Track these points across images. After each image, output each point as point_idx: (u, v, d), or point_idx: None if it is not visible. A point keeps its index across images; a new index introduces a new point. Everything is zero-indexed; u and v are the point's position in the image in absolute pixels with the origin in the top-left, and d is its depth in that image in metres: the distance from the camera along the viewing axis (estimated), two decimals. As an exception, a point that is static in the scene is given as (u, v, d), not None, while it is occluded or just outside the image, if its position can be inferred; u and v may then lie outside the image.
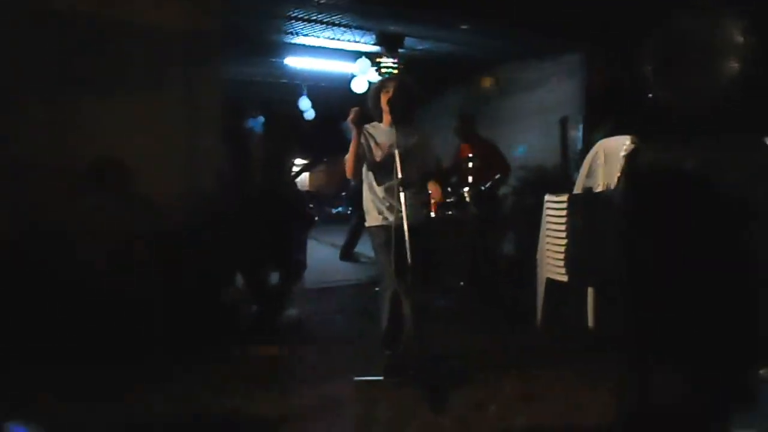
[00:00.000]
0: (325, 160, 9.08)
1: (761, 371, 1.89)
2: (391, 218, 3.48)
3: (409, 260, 3.24)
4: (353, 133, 3.52)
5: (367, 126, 3.61)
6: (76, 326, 3.82)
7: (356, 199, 4.10)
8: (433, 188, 3.85)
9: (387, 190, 3.54)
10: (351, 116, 3.49)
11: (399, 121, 3.50)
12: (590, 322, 4.24)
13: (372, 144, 3.59)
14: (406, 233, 3.26)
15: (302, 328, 4.97)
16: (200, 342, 4.17)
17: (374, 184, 3.60)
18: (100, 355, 3.70)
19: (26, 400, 3.12)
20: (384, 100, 3.54)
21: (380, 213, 3.57)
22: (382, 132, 3.61)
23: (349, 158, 3.54)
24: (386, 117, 3.61)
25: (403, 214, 3.28)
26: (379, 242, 3.56)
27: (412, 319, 3.48)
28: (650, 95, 1.96)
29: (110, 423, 3.08)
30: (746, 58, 1.80)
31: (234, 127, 5.25)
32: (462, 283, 5.72)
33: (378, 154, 3.57)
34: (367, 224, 3.69)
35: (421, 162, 3.67)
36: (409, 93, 3.62)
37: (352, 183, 7.51)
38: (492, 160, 5.94)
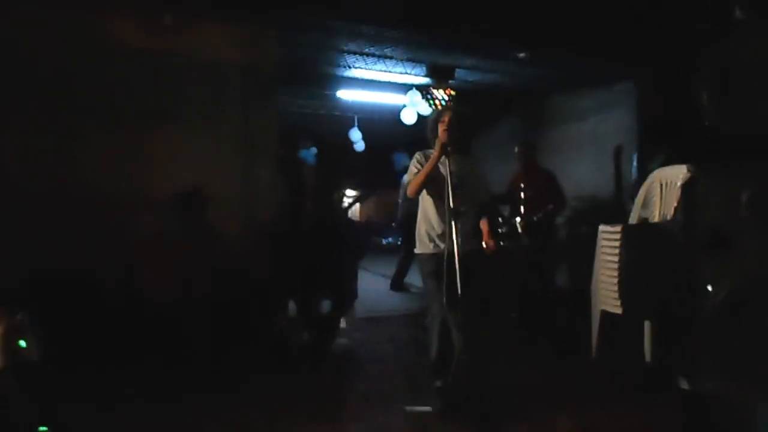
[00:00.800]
0: (376, 191, 9.16)
1: None
2: (443, 247, 3.45)
3: (460, 290, 3.21)
4: (434, 154, 3.49)
5: (423, 153, 3.64)
6: (128, 348, 3.95)
7: (406, 230, 4.09)
8: (483, 228, 3.82)
9: (440, 219, 3.54)
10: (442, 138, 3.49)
11: (454, 150, 3.51)
12: (647, 356, 4.11)
13: None
14: (457, 262, 3.23)
15: (352, 357, 4.97)
16: (251, 368, 4.23)
17: (428, 211, 3.61)
18: (152, 378, 3.81)
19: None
20: (440, 129, 3.56)
21: (432, 241, 3.57)
22: (437, 161, 3.61)
23: (420, 176, 3.52)
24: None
25: (455, 243, 3.27)
26: (429, 270, 3.56)
27: (461, 350, 3.45)
28: (707, 123, 1.92)
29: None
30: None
31: (287, 158, 5.38)
32: (513, 314, 5.63)
33: (433, 182, 3.56)
34: (417, 251, 3.70)
35: (475, 192, 3.67)
36: (465, 123, 3.65)
37: (401, 214, 7.57)
38: (548, 191, 5.88)
